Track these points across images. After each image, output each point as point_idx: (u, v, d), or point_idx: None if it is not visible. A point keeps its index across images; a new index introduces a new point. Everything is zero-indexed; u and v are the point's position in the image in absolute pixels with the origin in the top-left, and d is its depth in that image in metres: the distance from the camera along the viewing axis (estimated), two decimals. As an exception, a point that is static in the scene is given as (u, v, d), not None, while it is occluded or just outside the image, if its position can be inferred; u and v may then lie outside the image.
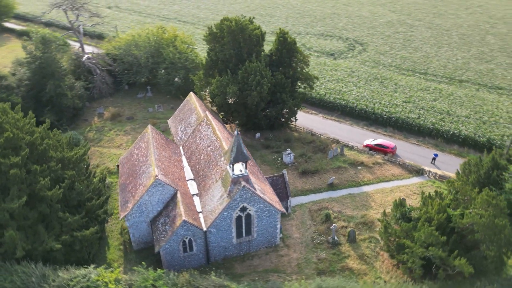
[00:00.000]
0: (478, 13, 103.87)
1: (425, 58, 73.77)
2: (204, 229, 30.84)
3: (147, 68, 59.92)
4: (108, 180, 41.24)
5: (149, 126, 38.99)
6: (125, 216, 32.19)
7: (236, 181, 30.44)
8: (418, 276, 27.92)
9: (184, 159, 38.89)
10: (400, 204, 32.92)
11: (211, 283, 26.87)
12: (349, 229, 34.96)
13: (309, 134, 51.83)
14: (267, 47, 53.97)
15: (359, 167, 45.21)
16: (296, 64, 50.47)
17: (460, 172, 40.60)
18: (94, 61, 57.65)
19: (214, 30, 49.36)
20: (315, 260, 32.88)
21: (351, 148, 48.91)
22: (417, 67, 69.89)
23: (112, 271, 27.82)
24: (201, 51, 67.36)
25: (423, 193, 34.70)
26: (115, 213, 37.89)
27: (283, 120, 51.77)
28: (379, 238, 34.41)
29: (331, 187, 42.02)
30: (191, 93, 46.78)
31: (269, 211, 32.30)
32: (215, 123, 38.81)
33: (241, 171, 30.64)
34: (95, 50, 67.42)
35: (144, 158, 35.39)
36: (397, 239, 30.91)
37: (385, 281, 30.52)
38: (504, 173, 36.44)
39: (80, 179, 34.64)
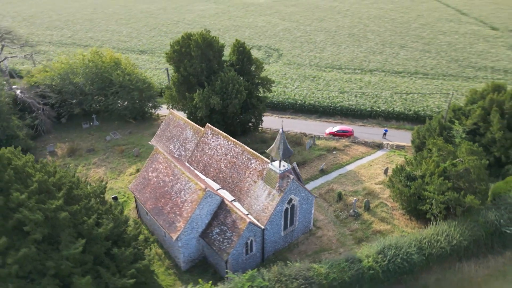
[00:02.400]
0: (349, 15, 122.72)
1: (333, 56, 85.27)
2: (262, 227, 32.54)
3: (92, 96, 56.11)
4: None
5: (158, 147, 38.17)
6: (178, 237, 31.63)
7: (283, 176, 32.99)
8: (441, 218, 34.80)
9: (197, 172, 39.16)
10: (401, 169, 39.78)
11: (298, 268, 29.09)
12: (364, 200, 40.54)
13: (276, 131, 56.13)
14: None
15: (334, 152, 51.48)
16: (254, 71, 54.30)
17: (414, 139, 50.35)
18: (31, 96, 51.39)
19: (176, 47, 49.81)
20: (349, 232, 37.47)
21: (318, 138, 55.02)
22: (331, 64, 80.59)
23: (201, 286, 27.62)
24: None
25: (406, 158, 42.52)
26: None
27: (250, 124, 54.95)
28: (388, 202, 40.97)
29: (323, 172, 47.16)
30: (171, 110, 46.50)
31: (307, 199, 35.65)
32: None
33: (283, 166, 33.30)
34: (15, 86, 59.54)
35: (171, 177, 34.87)
36: (410, 197, 37.53)
37: (408, 233, 36.84)
38: (451, 132, 46.89)
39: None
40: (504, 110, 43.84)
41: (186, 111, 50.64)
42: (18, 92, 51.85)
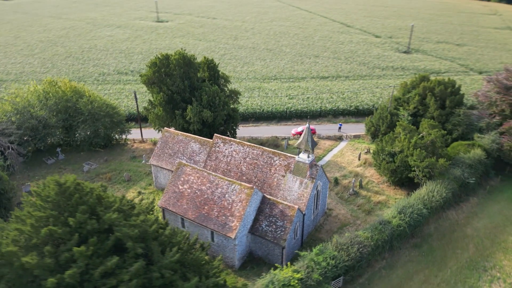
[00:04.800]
0: (257, 33, 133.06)
1: (264, 68, 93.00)
2: (304, 212, 36.83)
3: (57, 128, 52.93)
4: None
5: (180, 161, 39.53)
6: (236, 235, 33.97)
7: (312, 165, 37.93)
8: (426, 180, 43.57)
9: (217, 180, 41.42)
10: (381, 149, 47.99)
11: (349, 237, 34.25)
12: (359, 179, 47.64)
13: (250, 138, 60.55)
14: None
15: (308, 148, 58.03)
16: (223, 85, 58.07)
17: (369, 127, 59.85)
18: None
19: (154, 68, 50.84)
20: (357, 208, 43.99)
21: (289, 138, 61.09)
22: (267, 75, 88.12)
23: (281, 270, 30.67)
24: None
25: (377, 143, 51.18)
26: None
27: (228, 133, 58.28)
28: (373, 179, 48.83)
29: (309, 165, 53.16)
30: (166, 128, 47.46)
31: (325, 183, 41.13)
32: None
33: (309, 156, 38.23)
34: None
35: (209, 184, 36.85)
36: (396, 169, 45.79)
37: (400, 199, 44.96)
38: (399, 116, 57.46)
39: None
40: (435, 94, 55.91)
41: (174, 128, 51.73)
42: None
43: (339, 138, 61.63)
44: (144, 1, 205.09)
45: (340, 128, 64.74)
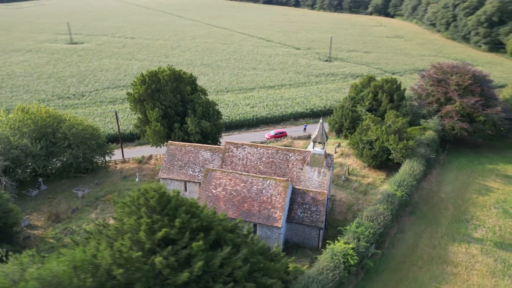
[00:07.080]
0: (187, 51, 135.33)
1: (210, 82, 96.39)
2: (328, 197, 41.93)
3: (40, 156, 49.77)
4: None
5: (207, 167, 41.54)
6: (281, 224, 37.56)
7: (327, 155, 43.36)
8: (403, 159, 52.17)
9: (237, 182, 44.27)
10: (360, 140, 55.64)
11: (373, 210, 40.34)
12: (346, 167, 54.47)
13: (232, 147, 63.71)
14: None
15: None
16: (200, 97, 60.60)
17: (333, 124, 67.95)
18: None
19: (144, 85, 51.41)
20: (354, 190, 50.67)
21: (267, 142, 65.83)
22: (218, 88, 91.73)
23: (334, 244, 35.22)
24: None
25: (349, 135, 59.02)
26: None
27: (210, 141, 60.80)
28: (356, 166, 56.29)
29: (296, 163, 58.55)
30: (170, 141, 48.43)
31: (332, 172, 46.86)
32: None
33: (322, 148, 43.61)
34: None
35: (243, 184, 39.75)
36: (377, 154, 53.72)
37: (384, 179, 53.03)
38: (357, 112, 66.51)
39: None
40: (384, 91, 66.23)
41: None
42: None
43: (309, 137, 68.36)
44: (42, 23, 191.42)
45: (305, 128, 71.66)
